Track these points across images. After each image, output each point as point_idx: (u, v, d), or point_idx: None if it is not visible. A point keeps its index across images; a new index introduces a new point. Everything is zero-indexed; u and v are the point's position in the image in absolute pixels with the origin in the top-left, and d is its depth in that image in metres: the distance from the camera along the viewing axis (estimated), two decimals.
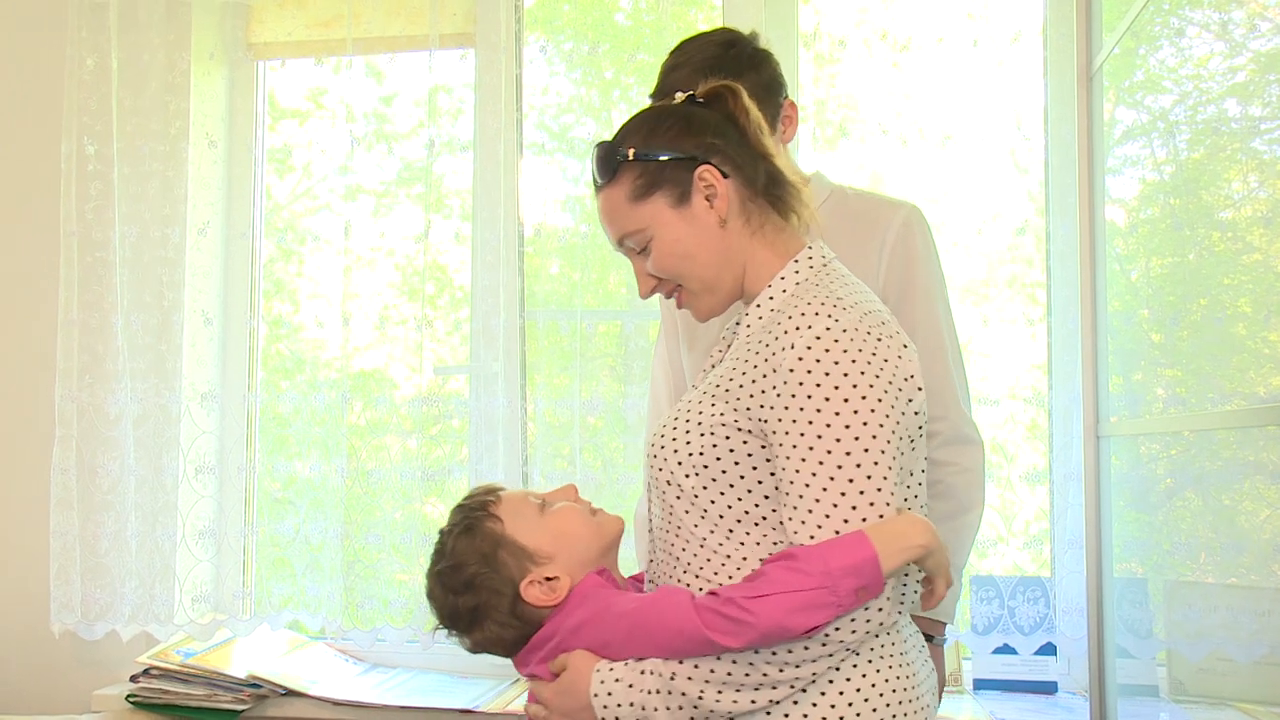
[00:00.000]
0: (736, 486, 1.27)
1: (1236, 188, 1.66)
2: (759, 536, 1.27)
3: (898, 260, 1.68)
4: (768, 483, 1.26)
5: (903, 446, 1.23)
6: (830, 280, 1.30)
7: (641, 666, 1.22)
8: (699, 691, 1.20)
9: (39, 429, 2.50)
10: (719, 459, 1.27)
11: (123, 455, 2.44)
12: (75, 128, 2.49)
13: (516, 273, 2.44)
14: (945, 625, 1.73)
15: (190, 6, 2.52)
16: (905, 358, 1.25)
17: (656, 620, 1.21)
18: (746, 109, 1.37)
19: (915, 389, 1.25)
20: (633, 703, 1.21)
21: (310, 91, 2.69)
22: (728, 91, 1.38)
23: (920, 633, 1.39)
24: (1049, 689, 2.24)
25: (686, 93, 1.40)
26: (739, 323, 1.38)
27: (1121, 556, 2.00)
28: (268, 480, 2.55)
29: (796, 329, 1.22)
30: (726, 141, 1.34)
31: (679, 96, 1.40)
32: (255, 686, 2.28)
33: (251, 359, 2.61)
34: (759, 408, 1.24)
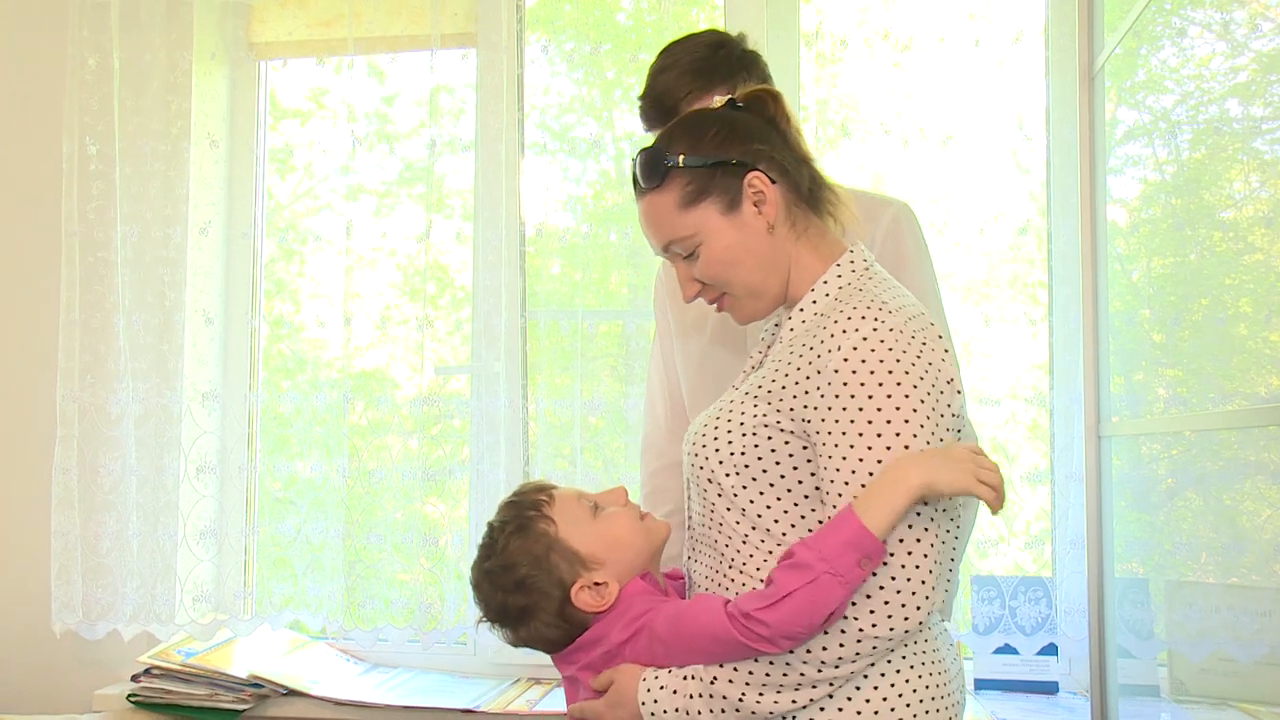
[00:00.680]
0: (776, 486, 1.28)
1: (1238, 188, 1.66)
2: (797, 536, 1.28)
3: (887, 257, 1.68)
4: (808, 483, 1.27)
5: (944, 442, 1.23)
6: (874, 284, 1.31)
7: (684, 673, 1.26)
8: (740, 694, 1.23)
9: (40, 429, 2.50)
10: (760, 459, 1.28)
11: (124, 455, 2.45)
12: (77, 128, 2.49)
13: (518, 273, 2.44)
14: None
15: (192, 6, 2.52)
16: (947, 361, 1.26)
17: (691, 627, 1.25)
18: (787, 113, 1.37)
19: (955, 392, 1.26)
20: (678, 708, 1.25)
21: (312, 91, 2.69)
22: (768, 96, 1.38)
23: (949, 630, 1.40)
24: (1050, 689, 2.24)
25: (725, 97, 1.39)
26: (778, 325, 1.39)
27: (1123, 556, 2.00)
28: (269, 480, 2.55)
29: (843, 332, 1.23)
30: (772, 147, 1.34)
31: (718, 100, 1.39)
32: (256, 686, 2.28)
33: (253, 359, 2.61)
34: (802, 409, 1.25)
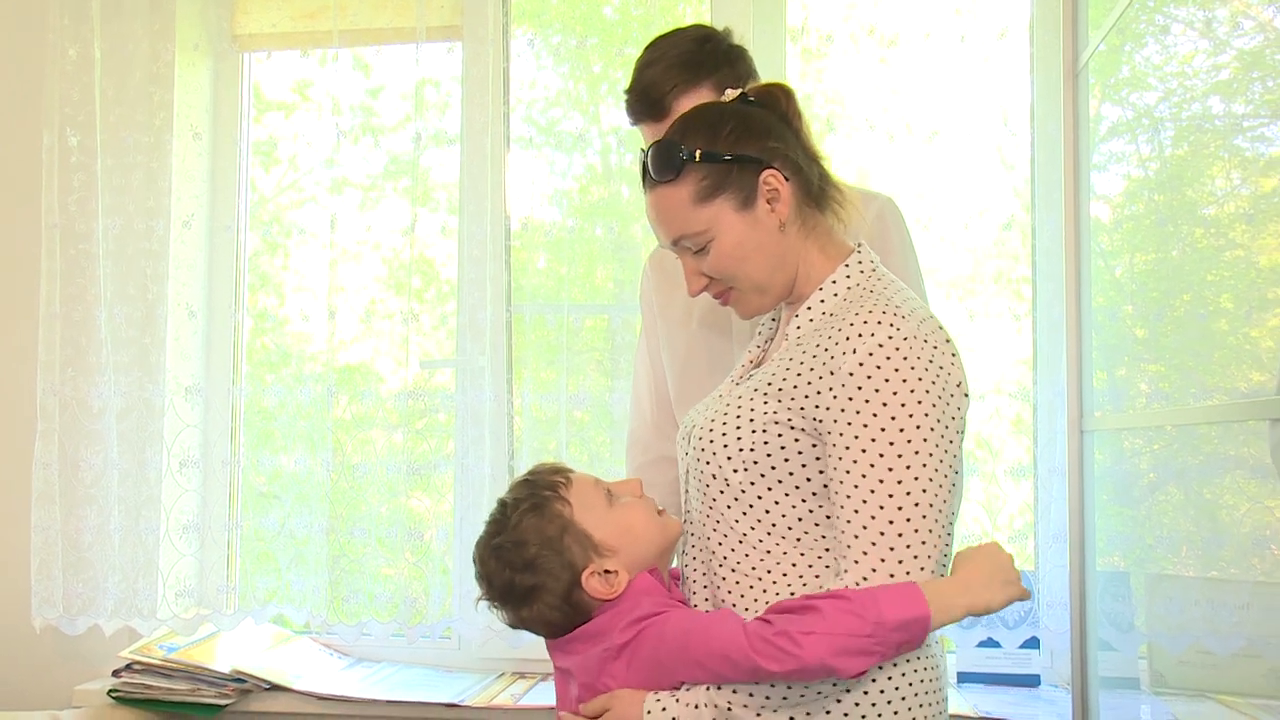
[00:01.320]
0: (785, 483, 1.28)
1: (1219, 184, 1.67)
2: (800, 534, 1.29)
3: (876, 246, 1.69)
4: (816, 481, 1.27)
5: (954, 450, 1.25)
6: (883, 285, 1.32)
7: (692, 700, 1.23)
8: (756, 714, 1.22)
9: (20, 422, 2.48)
10: (769, 455, 1.28)
11: (106, 449, 2.43)
12: (57, 119, 2.46)
13: (503, 266, 2.44)
14: None
15: None
16: (956, 365, 1.27)
17: (703, 643, 1.22)
18: (799, 110, 1.37)
19: (963, 395, 1.27)
20: None
21: (296, 84, 2.68)
22: (780, 91, 1.38)
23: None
24: (1032, 682, 2.26)
25: (738, 90, 1.39)
26: (775, 319, 1.39)
27: (1104, 550, 2.01)
28: (252, 474, 2.54)
29: (859, 335, 1.24)
30: (786, 144, 1.34)
31: (730, 94, 1.39)
32: (239, 681, 2.27)
33: (236, 352, 2.59)
34: (814, 408, 1.26)
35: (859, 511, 1.21)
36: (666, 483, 1.76)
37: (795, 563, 1.28)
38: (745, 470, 1.29)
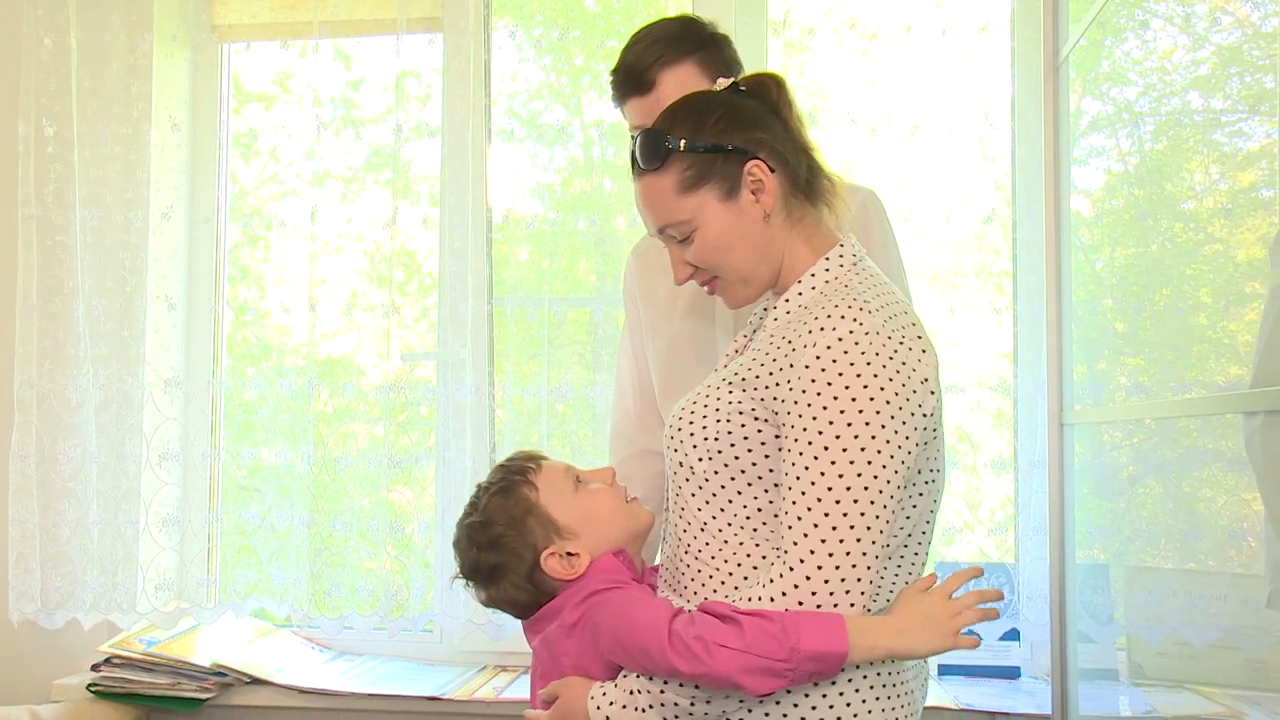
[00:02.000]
0: (748, 473, 1.29)
1: (1198, 179, 1.68)
2: (757, 524, 1.29)
3: (860, 236, 1.69)
4: (777, 473, 1.27)
5: (910, 446, 1.23)
6: (859, 280, 1.31)
7: (630, 686, 1.25)
8: (690, 700, 1.24)
9: None
10: (733, 445, 1.29)
11: (84, 442, 2.41)
12: (33, 109, 2.44)
13: (485, 259, 2.43)
14: None
15: None
16: (924, 362, 1.26)
17: (629, 631, 1.24)
18: (790, 100, 1.37)
19: (928, 393, 1.26)
20: None
21: (276, 75, 2.66)
22: (771, 81, 1.37)
23: None
24: (1012, 674, 2.27)
25: (730, 80, 1.39)
26: (766, 308, 1.39)
27: (1084, 543, 2.02)
28: (233, 467, 2.53)
29: (821, 329, 1.23)
30: (774, 135, 1.34)
31: (721, 83, 1.39)
32: (220, 675, 2.26)
33: (216, 345, 2.58)
34: (774, 399, 1.26)
35: (796, 503, 1.21)
36: (649, 476, 1.76)
37: (750, 553, 1.29)
38: (710, 459, 1.30)
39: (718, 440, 1.29)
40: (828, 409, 1.20)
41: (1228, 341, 1.58)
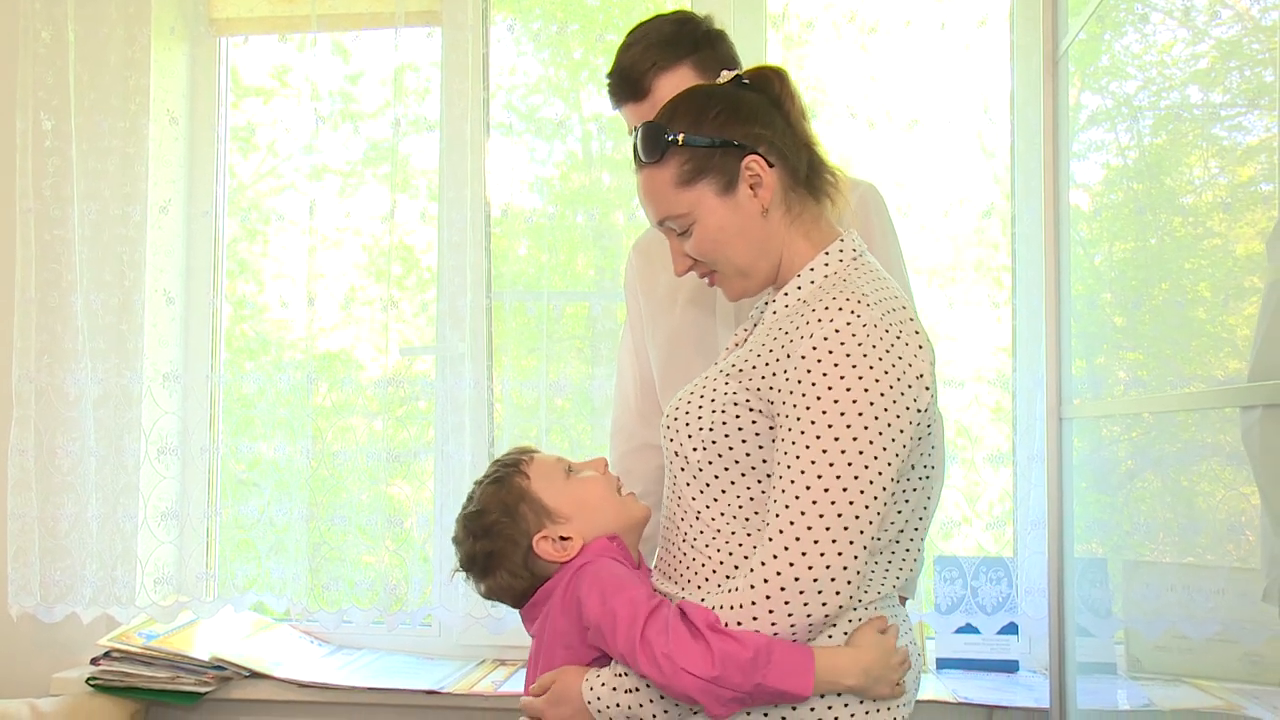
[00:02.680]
0: (742, 463, 1.30)
1: (1197, 173, 1.68)
2: (749, 514, 1.30)
3: (860, 227, 1.69)
4: (770, 464, 1.28)
5: (904, 440, 1.23)
6: (858, 275, 1.31)
7: (620, 669, 1.29)
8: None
9: None
10: (727, 436, 1.29)
11: (83, 436, 2.41)
12: (31, 103, 2.43)
13: (483, 253, 2.43)
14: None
15: None
16: (920, 357, 1.26)
17: (611, 630, 1.27)
18: (793, 94, 1.37)
19: (924, 388, 1.26)
20: (618, 703, 1.28)
21: (274, 69, 2.66)
22: (774, 75, 1.38)
23: (903, 608, 1.41)
24: (1011, 668, 2.27)
25: (733, 73, 1.39)
26: (767, 302, 1.39)
27: (1083, 537, 2.03)
28: (232, 461, 2.53)
29: (818, 321, 1.24)
30: (773, 130, 1.34)
31: (725, 76, 1.39)
32: (219, 669, 2.26)
33: (215, 339, 2.57)
34: (769, 389, 1.26)
35: (785, 491, 1.21)
36: (650, 470, 1.76)
37: (743, 543, 1.30)
38: (704, 449, 1.31)
39: (712, 431, 1.30)
40: (821, 399, 1.21)
41: (1226, 336, 1.58)
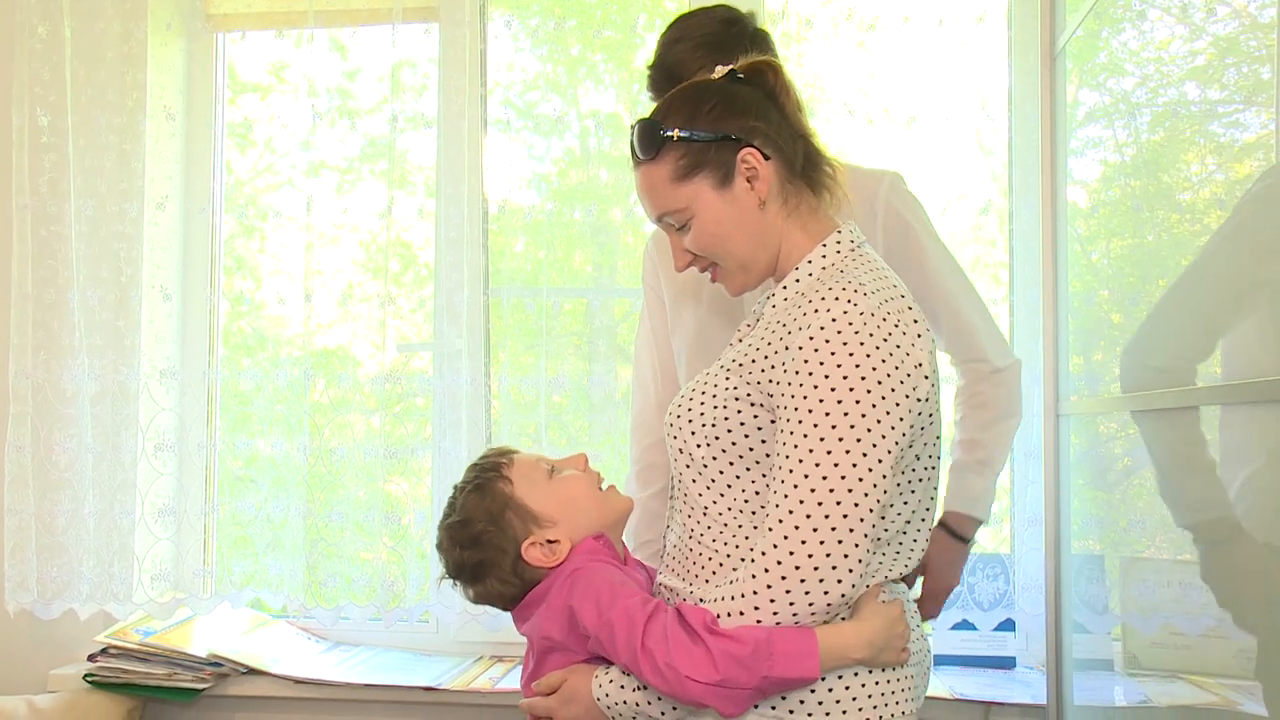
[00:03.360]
0: (745, 458, 1.30)
1: (1195, 170, 1.68)
2: (756, 508, 1.30)
3: (894, 229, 1.71)
4: (773, 457, 1.27)
5: (904, 428, 1.23)
6: (856, 264, 1.31)
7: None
8: None
9: None
10: (730, 431, 1.30)
11: (80, 433, 2.41)
12: (27, 98, 2.43)
13: (481, 250, 2.43)
14: (979, 523, 1.76)
15: None
16: (919, 346, 1.25)
17: (610, 639, 1.26)
18: (788, 87, 1.37)
19: (922, 377, 1.25)
20: (625, 700, 1.28)
21: (271, 65, 2.65)
22: (769, 68, 1.37)
23: (911, 600, 1.41)
24: (1007, 664, 2.28)
25: (727, 67, 1.39)
26: (769, 296, 1.40)
27: (1079, 533, 2.03)
28: (229, 458, 2.53)
29: (815, 312, 1.24)
30: (768, 123, 1.34)
31: (719, 71, 1.39)
32: (216, 665, 2.26)
33: (212, 335, 2.57)
34: (769, 382, 1.26)
35: (784, 482, 1.21)
36: (668, 463, 1.75)
37: (749, 536, 1.30)
38: (707, 445, 1.31)
39: (714, 426, 1.30)
40: (818, 389, 1.21)
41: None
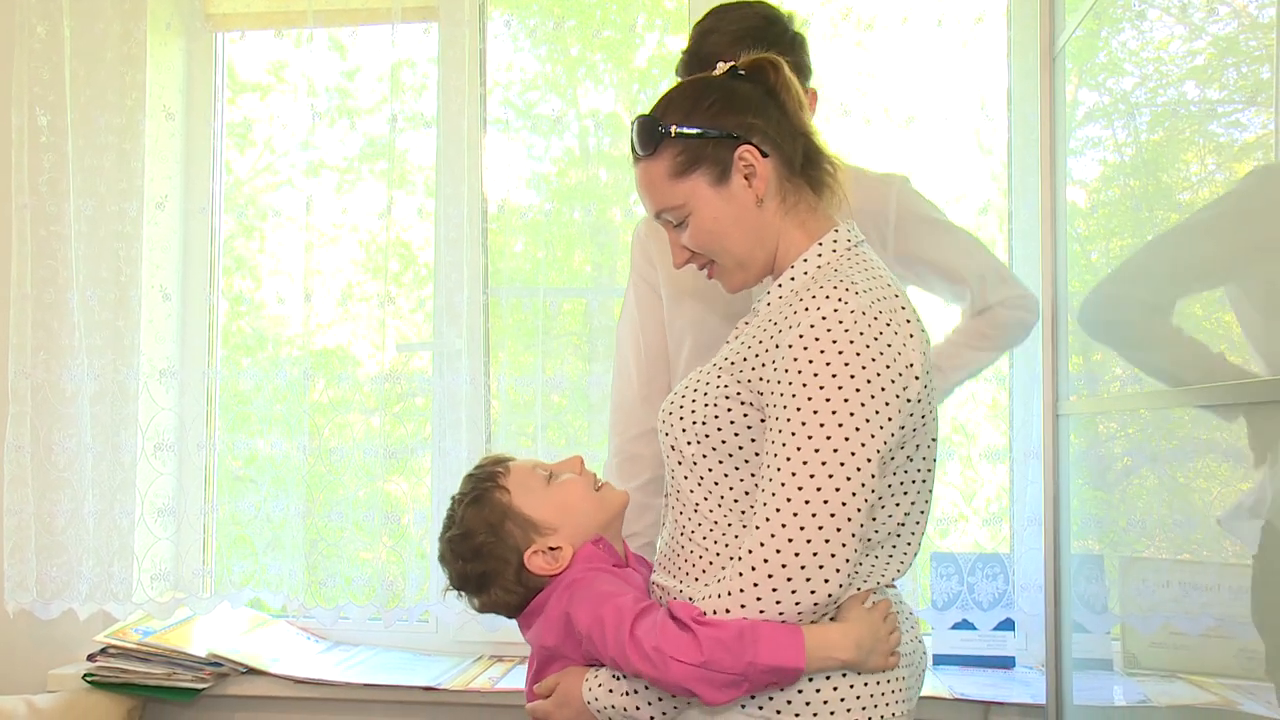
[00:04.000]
0: (735, 456, 1.30)
1: (1194, 170, 1.68)
2: (745, 507, 1.30)
3: (911, 230, 1.74)
4: (763, 456, 1.27)
5: (893, 429, 1.22)
6: (852, 265, 1.31)
7: (616, 670, 1.29)
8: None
9: None
10: (720, 429, 1.29)
11: (79, 432, 2.41)
12: (26, 98, 2.43)
13: (480, 250, 2.43)
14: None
15: None
16: (911, 346, 1.25)
17: (601, 638, 1.27)
18: (788, 83, 1.37)
19: (914, 378, 1.25)
20: (614, 705, 1.29)
21: (271, 65, 2.65)
22: (769, 64, 1.37)
23: (905, 602, 1.41)
24: (1007, 664, 2.28)
25: (728, 63, 1.38)
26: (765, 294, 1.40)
27: (1079, 533, 2.03)
28: (228, 458, 2.53)
29: (806, 310, 1.23)
30: (767, 120, 1.34)
31: (720, 67, 1.38)
32: (216, 665, 2.26)
33: (211, 335, 2.57)
34: (759, 380, 1.26)
35: (773, 480, 1.21)
36: (653, 455, 1.74)
37: (739, 534, 1.30)
38: (698, 443, 1.31)
39: (705, 424, 1.30)
40: (807, 387, 1.20)
41: (1223, 333, 1.58)
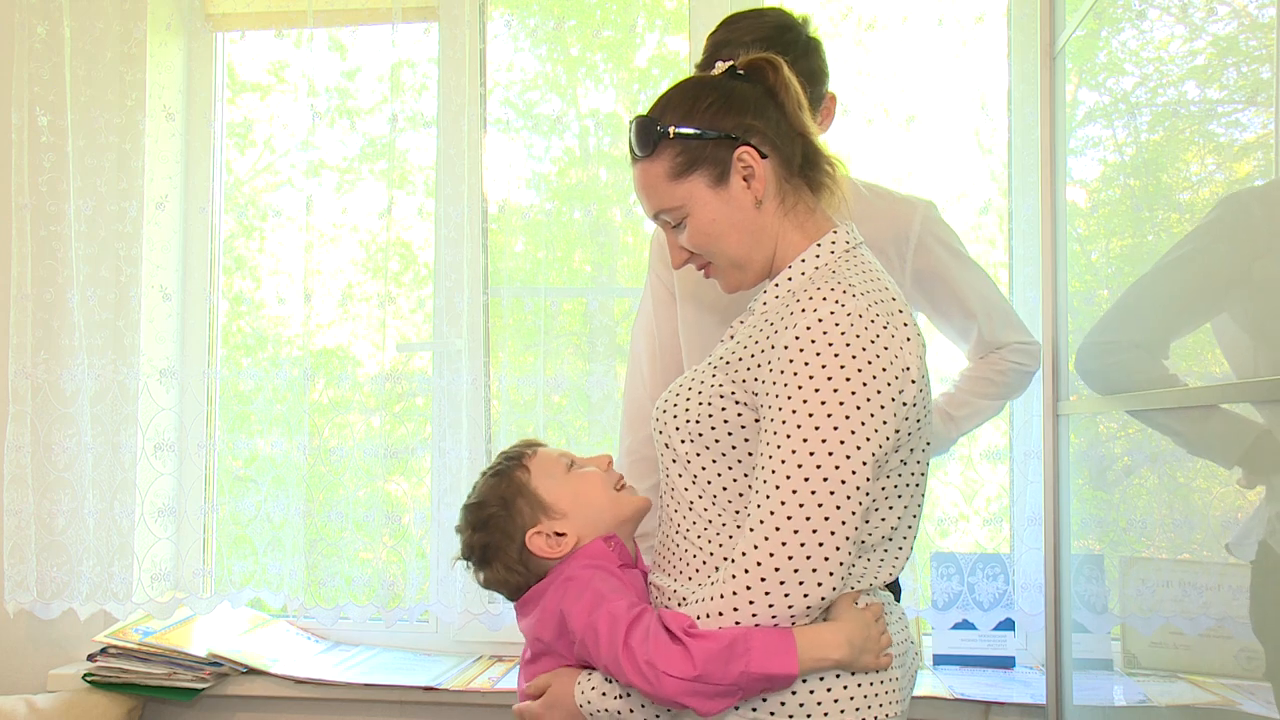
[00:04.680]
0: (729, 456, 1.30)
1: (1194, 170, 1.68)
2: (738, 507, 1.30)
3: (929, 256, 1.76)
4: (758, 454, 1.27)
5: (888, 431, 1.22)
6: (849, 267, 1.31)
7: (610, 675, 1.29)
8: None
9: None
10: (714, 428, 1.30)
11: (79, 432, 2.41)
12: (26, 98, 2.43)
13: (480, 249, 2.43)
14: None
15: None
16: (907, 349, 1.25)
17: (594, 644, 1.27)
18: (787, 83, 1.36)
19: (909, 381, 1.25)
20: (607, 709, 1.28)
21: (271, 65, 2.65)
22: (769, 65, 1.37)
23: (897, 603, 1.41)
24: (1007, 664, 2.28)
25: (727, 63, 1.38)
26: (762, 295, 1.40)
27: (1079, 533, 2.03)
28: (229, 458, 2.53)
29: (803, 311, 1.23)
30: (766, 121, 1.34)
31: (719, 67, 1.39)
32: (216, 665, 2.26)
33: (211, 335, 2.57)
34: (754, 380, 1.26)
35: (766, 482, 1.21)
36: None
37: (733, 534, 1.30)
38: (691, 441, 1.32)
39: (699, 423, 1.31)
40: (802, 389, 1.20)
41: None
